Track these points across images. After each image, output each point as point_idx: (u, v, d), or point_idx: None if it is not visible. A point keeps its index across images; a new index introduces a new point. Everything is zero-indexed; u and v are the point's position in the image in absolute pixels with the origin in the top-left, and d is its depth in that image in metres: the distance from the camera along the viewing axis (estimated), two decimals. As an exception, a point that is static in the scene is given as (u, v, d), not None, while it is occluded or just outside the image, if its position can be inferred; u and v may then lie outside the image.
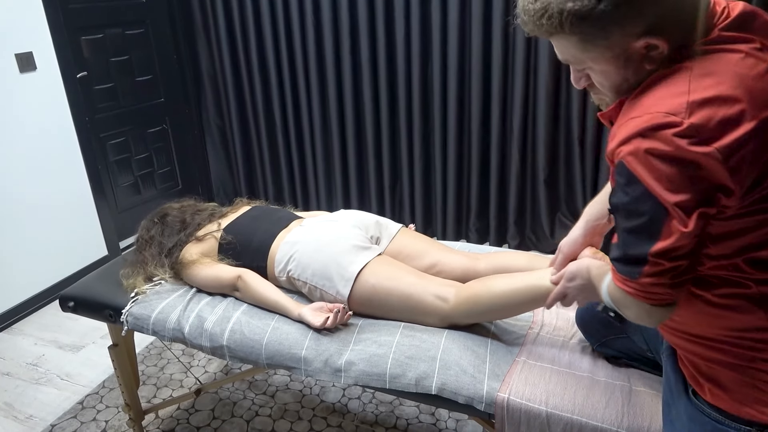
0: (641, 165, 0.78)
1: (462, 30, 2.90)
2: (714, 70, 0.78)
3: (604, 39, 0.81)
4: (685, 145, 0.74)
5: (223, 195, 3.99)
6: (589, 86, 0.93)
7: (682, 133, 0.74)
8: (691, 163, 0.75)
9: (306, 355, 1.46)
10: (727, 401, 0.87)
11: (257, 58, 3.44)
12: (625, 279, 0.86)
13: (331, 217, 1.82)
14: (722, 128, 0.74)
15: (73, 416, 2.18)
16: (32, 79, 2.83)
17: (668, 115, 0.76)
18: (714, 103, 0.75)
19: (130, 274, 1.81)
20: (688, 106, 0.75)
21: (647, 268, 0.82)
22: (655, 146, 0.76)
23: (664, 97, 0.78)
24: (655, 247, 0.80)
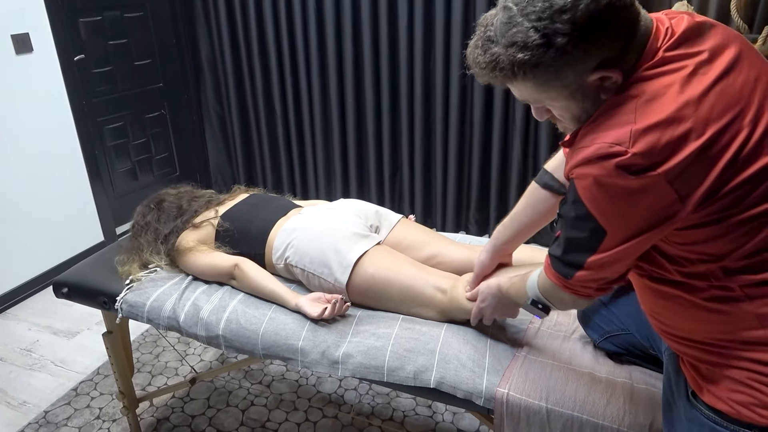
0: (586, 190, 0.82)
1: (466, 20, 2.86)
2: (659, 93, 0.78)
3: (558, 80, 0.83)
4: (629, 175, 0.77)
5: (221, 182, 3.96)
6: (551, 118, 0.95)
7: (625, 162, 0.77)
8: (635, 191, 0.78)
9: (303, 346, 1.44)
10: (726, 403, 0.87)
11: (257, 45, 3.40)
12: (559, 276, 0.96)
13: (330, 206, 1.80)
14: (668, 151, 0.76)
15: (66, 403, 2.16)
16: (29, 61, 2.79)
17: (613, 146, 0.78)
18: (658, 128, 0.76)
19: (126, 261, 1.78)
20: (632, 135, 0.77)
21: (581, 273, 0.91)
22: (600, 174, 0.80)
23: (611, 127, 0.80)
24: (591, 258, 0.88)
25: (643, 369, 1.30)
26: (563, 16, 0.77)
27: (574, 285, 0.94)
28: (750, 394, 0.84)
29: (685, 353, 0.94)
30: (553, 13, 0.77)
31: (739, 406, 0.85)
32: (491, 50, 0.84)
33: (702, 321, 0.88)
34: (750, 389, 0.84)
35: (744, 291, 0.83)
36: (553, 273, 0.97)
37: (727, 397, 0.86)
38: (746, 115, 0.78)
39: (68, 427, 2.04)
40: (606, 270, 0.89)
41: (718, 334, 0.87)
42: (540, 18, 0.78)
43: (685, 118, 0.76)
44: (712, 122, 0.76)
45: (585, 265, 0.89)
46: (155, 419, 2.07)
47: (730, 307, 0.85)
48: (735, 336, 0.85)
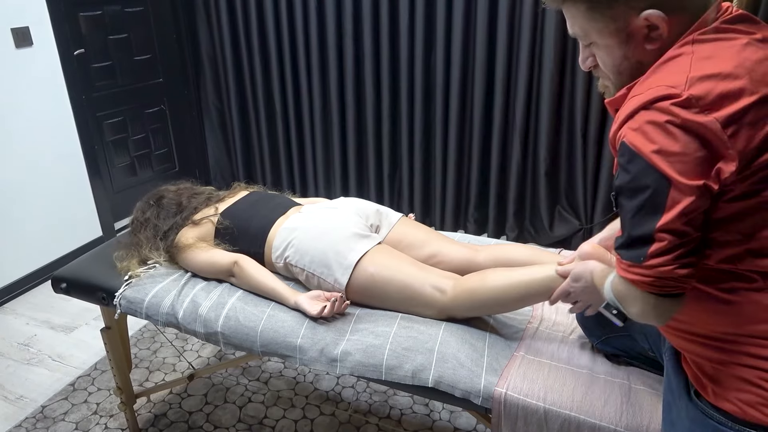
0: (642, 137, 0.79)
1: (467, 18, 2.85)
2: (715, 54, 0.80)
3: (608, 8, 0.85)
4: (684, 114, 0.77)
5: (221, 179, 3.96)
6: (594, 68, 0.96)
7: (681, 103, 0.77)
8: (691, 131, 0.77)
9: (301, 343, 1.44)
10: (731, 403, 0.86)
11: (258, 41, 3.39)
12: (630, 266, 0.85)
13: (330, 205, 1.79)
14: (721, 100, 0.77)
15: (64, 398, 2.16)
16: (28, 54, 2.78)
17: (668, 88, 0.78)
18: (714, 78, 0.78)
19: (124, 257, 1.78)
20: (688, 80, 0.78)
21: (653, 246, 0.81)
22: (655, 117, 0.79)
23: (665, 76, 0.81)
24: (661, 221, 0.80)
25: (641, 370, 1.31)
26: None
27: (650, 271, 0.82)
28: (757, 393, 0.83)
29: (692, 351, 0.93)
30: None
31: (745, 406, 0.84)
32: None
33: (715, 314, 0.86)
34: (758, 388, 0.83)
35: (766, 283, 0.82)
36: (624, 266, 0.87)
37: (734, 397, 0.85)
38: None
39: (65, 422, 2.04)
40: (680, 234, 0.80)
41: (730, 328, 0.86)
42: None
43: (740, 77, 0.78)
44: (765, 86, 0.78)
45: (655, 235, 0.80)
46: (152, 415, 2.07)
47: (746, 299, 0.83)
48: (747, 331, 0.84)
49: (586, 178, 2.94)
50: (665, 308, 0.86)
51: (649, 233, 0.81)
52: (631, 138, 0.80)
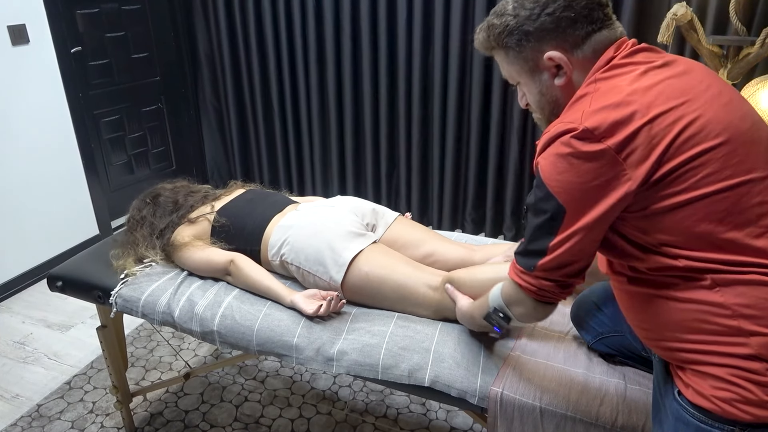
0: (548, 167, 0.91)
1: (464, 18, 2.85)
2: (612, 87, 0.90)
3: (520, 52, 1.00)
4: (581, 145, 0.86)
5: (218, 177, 3.95)
6: (527, 106, 1.08)
7: (577, 135, 0.87)
8: (588, 160, 0.86)
9: (298, 342, 1.44)
10: (710, 401, 0.88)
11: (255, 39, 3.38)
12: (522, 272, 1.00)
13: (327, 203, 1.79)
14: (615, 127, 0.85)
15: (60, 396, 2.16)
16: (25, 52, 2.77)
17: (568, 123, 0.89)
18: (607, 109, 0.87)
19: (120, 255, 1.78)
20: (583, 115, 0.88)
21: (543, 259, 0.95)
22: (559, 150, 0.89)
23: (569, 114, 0.91)
24: (553, 240, 0.93)
25: (636, 370, 1.31)
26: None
27: (536, 281, 0.98)
28: (732, 390, 0.85)
29: (669, 356, 0.96)
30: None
31: (722, 403, 0.86)
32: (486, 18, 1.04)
33: (680, 316, 0.90)
34: (732, 385, 0.85)
35: (712, 279, 0.86)
36: (516, 270, 1.02)
37: (711, 395, 0.87)
38: (691, 105, 0.87)
39: (61, 421, 2.04)
40: (567, 255, 0.93)
41: (694, 329, 0.89)
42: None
43: (632, 103, 0.86)
44: (656, 106, 0.86)
45: (547, 250, 0.94)
46: (149, 414, 2.07)
47: (701, 296, 0.88)
48: (710, 329, 0.87)
49: (583, 177, 2.94)
50: (543, 312, 1.03)
51: (543, 249, 0.94)
52: (541, 167, 0.92)
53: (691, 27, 2.19)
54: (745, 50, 2.21)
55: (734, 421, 0.86)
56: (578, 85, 0.96)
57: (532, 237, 0.96)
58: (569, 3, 0.95)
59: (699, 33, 2.20)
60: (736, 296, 0.85)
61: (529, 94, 1.05)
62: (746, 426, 0.85)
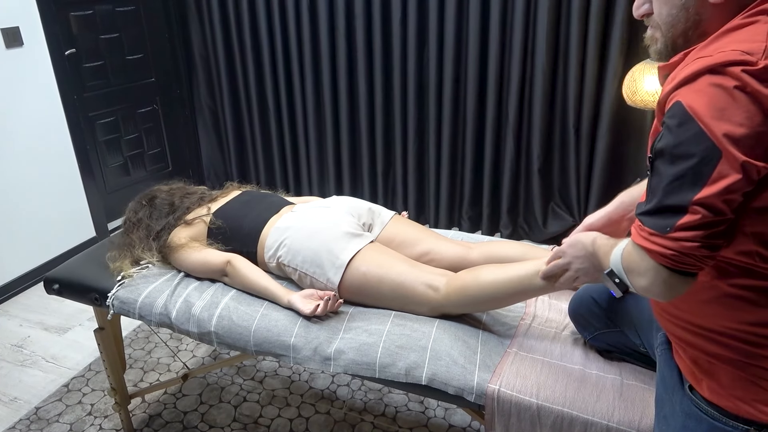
0: (703, 101, 0.73)
1: (459, 15, 2.85)
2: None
3: None
4: (756, 84, 0.70)
5: (214, 178, 3.95)
6: (646, 16, 0.90)
7: (756, 72, 0.71)
8: (760, 104, 0.70)
9: (295, 342, 1.44)
10: (726, 398, 0.85)
11: (250, 39, 3.38)
12: (651, 234, 0.79)
13: (323, 204, 1.79)
14: None
15: (58, 399, 2.15)
16: (19, 55, 2.77)
17: (743, 54, 0.72)
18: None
19: (117, 257, 1.78)
20: (766, 49, 0.71)
21: (685, 218, 0.75)
22: (723, 81, 0.72)
23: (739, 41, 0.74)
24: (700, 193, 0.74)
25: (633, 366, 1.31)
26: None
27: (674, 243, 0.77)
28: (752, 390, 0.83)
29: (689, 342, 0.90)
30: None
31: (739, 402, 0.84)
32: None
33: (722, 308, 0.84)
34: (752, 385, 0.83)
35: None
36: (645, 233, 0.81)
37: (728, 392, 0.85)
38: None
39: (60, 424, 2.04)
40: (717, 211, 0.74)
41: (732, 323, 0.83)
42: None
43: None
44: None
45: (690, 207, 0.75)
46: (147, 415, 2.07)
47: (758, 297, 0.81)
48: (751, 328, 0.82)
49: (579, 174, 2.95)
50: (675, 286, 0.81)
51: (684, 204, 0.75)
52: (690, 100, 0.74)
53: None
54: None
55: (751, 421, 0.83)
56: (732, 11, 0.79)
57: (668, 189, 0.77)
58: None
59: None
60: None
61: (665, 5, 0.85)
62: (762, 427, 0.83)
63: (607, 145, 2.82)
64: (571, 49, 2.71)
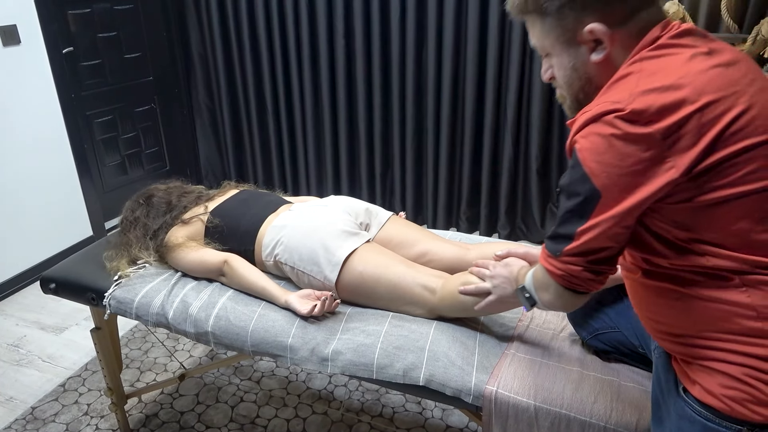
0: (585, 148, 0.85)
1: (458, 15, 2.85)
2: (660, 69, 0.84)
3: (559, 20, 0.92)
4: (627, 127, 0.81)
5: (212, 177, 3.94)
6: (552, 79, 1.01)
7: (624, 116, 0.81)
8: (632, 144, 0.81)
9: (292, 343, 1.43)
10: (718, 400, 0.86)
11: (249, 38, 3.37)
12: (549, 256, 0.95)
13: (320, 203, 1.79)
14: (663, 112, 0.80)
15: (54, 399, 2.15)
16: (16, 53, 2.76)
17: (614, 103, 0.83)
18: (657, 91, 0.81)
19: (114, 257, 1.77)
20: (631, 95, 0.82)
21: (570, 245, 0.90)
22: (601, 130, 0.83)
23: (613, 93, 0.86)
24: (583, 226, 0.88)
25: (631, 367, 1.31)
26: None
27: (563, 266, 0.92)
28: (744, 390, 0.84)
29: (680, 352, 0.94)
30: None
31: (732, 402, 0.84)
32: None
33: (699, 314, 0.88)
34: (744, 385, 0.84)
35: (741, 279, 0.84)
36: (544, 255, 0.97)
37: (720, 393, 0.86)
38: (739, 98, 0.82)
39: (56, 423, 2.03)
40: (596, 242, 0.88)
41: (714, 326, 0.87)
42: None
43: (682, 87, 0.81)
44: (707, 94, 0.81)
45: (575, 235, 0.89)
46: (144, 415, 2.06)
47: (727, 296, 0.85)
48: (731, 328, 0.85)
49: (577, 175, 2.95)
50: (570, 301, 0.97)
51: (571, 233, 0.90)
52: (579, 147, 0.86)
53: (683, 24, 2.20)
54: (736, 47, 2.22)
55: (743, 421, 0.84)
56: (617, 64, 0.90)
57: (562, 220, 0.91)
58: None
59: (691, 30, 2.21)
60: (765, 298, 0.83)
61: (559, 68, 0.97)
62: (755, 426, 0.84)
63: (606, 146, 2.82)
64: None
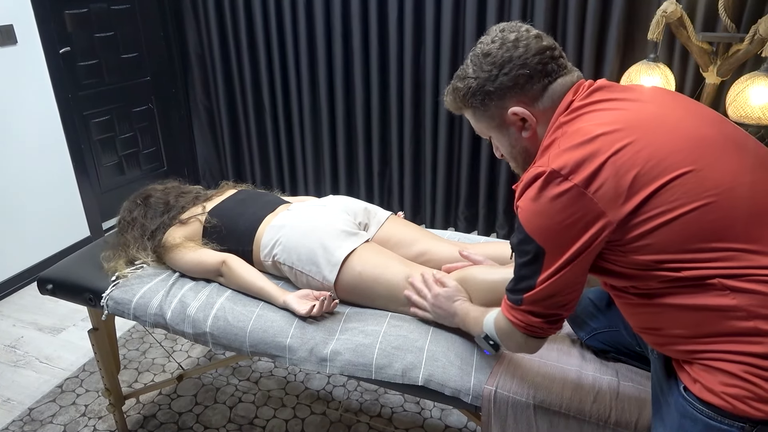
0: (523, 212, 0.95)
1: (456, 15, 2.85)
2: (578, 129, 0.93)
3: (485, 110, 1.06)
4: (551, 187, 0.90)
5: (210, 177, 3.93)
6: (502, 156, 1.14)
7: (546, 177, 0.91)
8: (560, 200, 0.90)
9: (291, 343, 1.43)
10: (720, 398, 0.87)
11: (246, 38, 3.37)
12: (510, 307, 1.04)
13: (319, 203, 1.79)
14: (579, 165, 0.89)
15: (51, 400, 2.14)
16: (12, 53, 2.75)
17: (537, 168, 0.93)
18: (571, 149, 0.91)
19: (111, 257, 1.76)
20: (550, 158, 0.92)
21: (529, 293, 0.99)
22: (530, 194, 0.93)
23: (539, 160, 0.96)
24: (539, 278, 0.97)
25: (630, 366, 1.31)
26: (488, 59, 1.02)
27: (523, 316, 1.02)
28: (745, 387, 0.85)
29: (676, 351, 0.95)
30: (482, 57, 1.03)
31: (733, 400, 0.85)
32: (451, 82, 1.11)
33: (691, 321, 0.89)
34: (745, 382, 0.85)
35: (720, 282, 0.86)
36: (507, 306, 1.06)
37: (721, 391, 0.86)
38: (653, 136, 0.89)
39: (53, 425, 2.03)
40: (552, 288, 0.96)
41: (706, 331, 0.88)
42: (477, 60, 1.04)
43: (596, 140, 0.90)
44: (620, 140, 0.89)
45: (534, 286, 0.98)
46: (142, 416, 2.06)
47: (713, 301, 0.86)
48: (725, 330, 0.87)
49: (575, 175, 2.95)
50: (533, 345, 1.07)
51: (530, 286, 0.99)
52: (519, 211, 0.96)
53: (680, 24, 2.20)
54: (734, 47, 2.22)
55: (745, 418, 0.85)
56: (543, 135, 1.01)
57: (518, 275, 1.01)
58: (524, 61, 1.00)
59: (689, 30, 2.21)
60: (750, 298, 0.84)
61: (502, 147, 1.11)
62: (757, 423, 0.85)
63: (603, 146, 2.82)
64: (568, 49, 2.71)
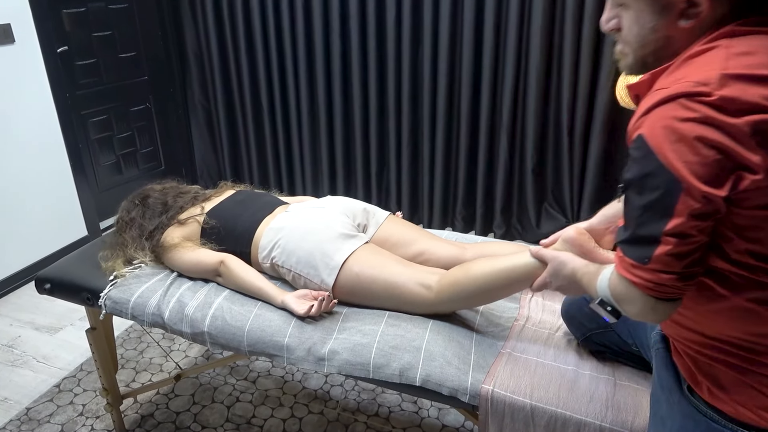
0: (661, 134, 0.74)
1: (453, 16, 2.86)
2: (753, 50, 0.74)
3: None
4: (713, 114, 0.71)
5: (208, 177, 3.93)
6: (615, 31, 0.89)
7: (711, 102, 0.71)
8: (716, 134, 0.71)
9: (289, 343, 1.43)
10: (726, 402, 0.85)
11: (244, 38, 3.37)
12: (633, 266, 0.82)
13: (317, 204, 1.79)
14: (756, 105, 0.71)
15: (49, 399, 2.14)
16: (10, 52, 2.74)
17: (699, 85, 0.72)
18: (751, 80, 0.72)
19: (110, 257, 1.76)
20: (720, 78, 0.72)
21: (659, 249, 0.77)
22: (680, 114, 0.73)
23: (697, 70, 0.75)
24: (669, 225, 0.75)
25: (627, 367, 1.32)
26: None
27: (652, 275, 0.80)
28: (752, 395, 0.83)
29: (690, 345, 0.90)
30: None
31: (740, 407, 0.84)
32: None
33: (729, 318, 0.83)
34: (753, 390, 0.83)
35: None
36: (627, 264, 0.83)
37: (730, 397, 0.85)
38: None
39: (51, 424, 2.02)
40: (686, 242, 0.76)
41: (740, 333, 0.83)
42: None
43: None
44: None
45: (662, 238, 0.77)
46: (139, 416, 2.06)
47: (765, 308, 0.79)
48: (759, 339, 0.81)
49: (572, 175, 2.96)
50: (663, 311, 0.84)
51: (656, 235, 0.77)
52: (649, 133, 0.75)
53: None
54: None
55: (749, 425, 0.83)
56: (701, 32, 0.80)
57: (640, 221, 0.79)
58: None
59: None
60: None
61: (634, 24, 0.84)
62: (761, 431, 0.83)
63: (601, 146, 2.83)
64: (565, 49, 2.72)
